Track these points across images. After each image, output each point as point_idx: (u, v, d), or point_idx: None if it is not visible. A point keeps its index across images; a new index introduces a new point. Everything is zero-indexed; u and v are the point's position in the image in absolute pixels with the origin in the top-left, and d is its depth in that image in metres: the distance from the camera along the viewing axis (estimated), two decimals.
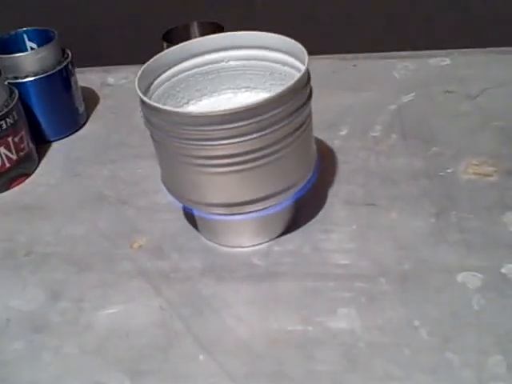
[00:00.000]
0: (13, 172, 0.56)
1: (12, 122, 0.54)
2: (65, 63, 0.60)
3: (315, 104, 0.45)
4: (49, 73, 0.59)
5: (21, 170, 0.57)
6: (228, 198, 0.43)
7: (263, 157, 0.41)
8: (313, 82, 0.44)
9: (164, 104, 0.47)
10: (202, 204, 0.44)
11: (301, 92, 0.41)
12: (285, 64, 0.46)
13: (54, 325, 0.43)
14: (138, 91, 0.42)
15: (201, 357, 0.39)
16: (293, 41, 0.45)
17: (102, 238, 0.50)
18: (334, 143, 0.56)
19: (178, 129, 0.40)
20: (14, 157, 0.55)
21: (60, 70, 0.60)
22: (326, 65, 0.69)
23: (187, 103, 0.49)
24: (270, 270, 0.45)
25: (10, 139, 0.54)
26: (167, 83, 0.47)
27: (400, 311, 0.40)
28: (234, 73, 0.48)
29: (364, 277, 0.43)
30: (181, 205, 0.49)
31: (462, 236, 0.45)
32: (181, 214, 0.50)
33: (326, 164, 0.53)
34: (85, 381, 0.39)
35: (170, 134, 0.40)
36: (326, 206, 0.49)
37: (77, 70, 0.63)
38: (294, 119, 0.41)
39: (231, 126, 0.39)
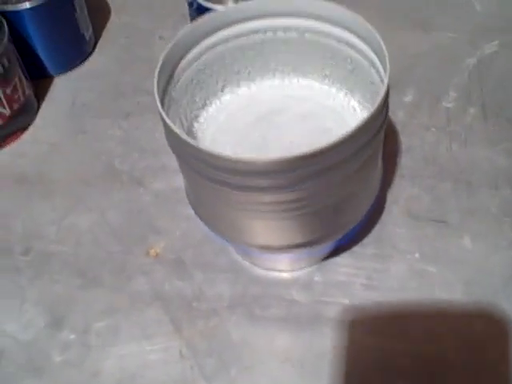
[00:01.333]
0: (6, 129, 0.46)
1: (1, 71, 0.44)
2: None
3: None
4: None
5: (16, 124, 0.47)
6: (275, 241, 0.34)
7: (318, 202, 0.32)
8: (372, 10, 0.33)
9: (193, 95, 0.36)
10: (243, 242, 0.35)
11: (375, 122, 0.31)
12: (352, 46, 0.35)
13: (53, 367, 0.36)
14: (159, 105, 0.31)
15: None
16: (369, 26, 0.33)
17: (111, 237, 0.42)
18: (398, 116, 0.45)
19: (216, 173, 0.30)
20: (7, 112, 0.46)
21: None
22: None
23: (222, 91, 0.38)
24: (312, 312, 0.37)
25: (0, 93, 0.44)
26: (196, 64, 0.36)
27: None
28: (282, 49, 0.37)
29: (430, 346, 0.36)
30: None
31: None
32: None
33: (386, 150, 0.43)
34: None
35: (206, 175, 0.31)
36: (383, 216, 0.41)
37: None
38: (361, 156, 0.31)
39: (285, 175, 0.29)
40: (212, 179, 0.30)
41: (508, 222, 0.39)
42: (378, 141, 0.32)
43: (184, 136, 0.29)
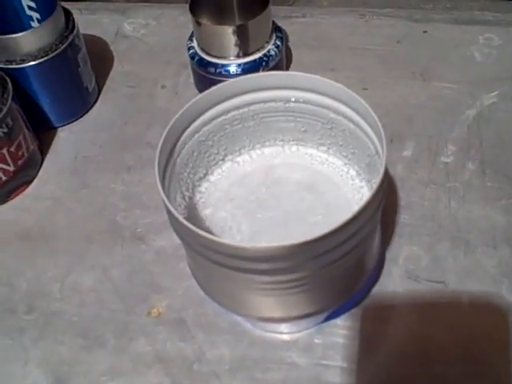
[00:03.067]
0: (10, 184, 0.47)
1: (6, 130, 0.44)
2: (71, 38, 0.48)
3: (373, 95, 0.35)
4: (51, 55, 0.47)
5: (20, 179, 0.48)
6: (275, 314, 0.34)
7: (317, 279, 0.32)
8: (372, 56, 0.34)
9: (194, 166, 0.37)
10: (243, 315, 0.35)
11: (373, 202, 0.31)
12: (349, 119, 0.36)
13: None
14: (160, 188, 0.32)
15: None
16: (362, 101, 0.34)
17: (114, 296, 0.42)
18: (397, 171, 0.46)
19: (215, 255, 0.30)
20: (11, 168, 0.46)
21: (65, 49, 0.48)
22: (389, 28, 0.56)
23: (223, 160, 0.38)
24: (312, 375, 0.38)
25: (4, 151, 0.45)
26: (197, 135, 0.36)
27: None
28: (282, 118, 0.38)
29: None
30: None
31: None
32: None
33: (385, 206, 0.44)
34: None
35: (206, 256, 0.31)
36: (382, 276, 0.41)
37: (84, 9, 0.51)
38: (360, 234, 0.31)
39: (283, 260, 0.30)
40: (212, 260, 0.31)
41: (506, 283, 0.40)
42: (376, 217, 0.33)
43: (185, 222, 0.29)
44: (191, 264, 0.37)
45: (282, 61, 0.50)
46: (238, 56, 0.48)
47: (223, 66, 0.47)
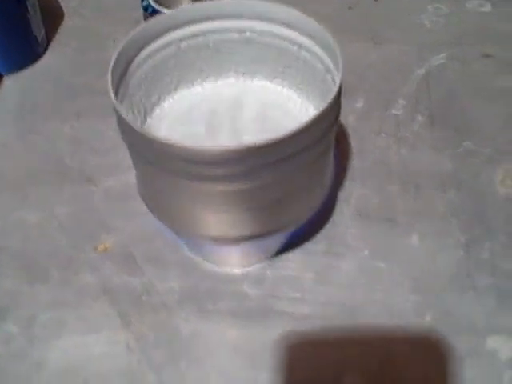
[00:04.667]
0: None
1: None
2: None
3: None
4: None
5: None
6: (226, 233, 0.34)
7: (270, 194, 0.32)
8: (325, 23, 0.34)
9: (147, 90, 0.36)
10: (193, 234, 0.35)
11: (327, 117, 0.31)
12: (306, 49, 0.36)
13: None
14: (112, 95, 0.31)
15: None
16: (320, 27, 0.34)
17: (60, 232, 0.41)
18: (349, 121, 0.46)
19: (168, 162, 0.30)
20: None
21: None
22: None
23: (176, 89, 0.38)
24: (263, 305, 0.37)
25: None
26: (150, 61, 0.36)
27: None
28: (237, 50, 0.37)
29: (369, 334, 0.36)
30: None
31: (493, 281, 0.38)
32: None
33: (338, 152, 0.44)
34: None
35: (158, 165, 0.31)
36: (334, 215, 0.41)
37: None
38: (313, 151, 0.31)
39: (236, 165, 0.29)
40: (164, 169, 0.30)
41: (454, 222, 0.40)
42: (329, 137, 0.33)
43: (136, 126, 0.29)
44: (140, 181, 0.36)
45: None
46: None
47: None
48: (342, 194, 0.42)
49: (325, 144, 0.33)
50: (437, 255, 0.39)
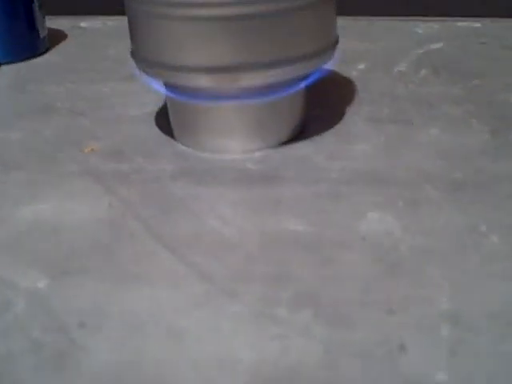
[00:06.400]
0: None
1: None
2: None
3: None
4: None
5: None
6: (215, 58, 0.31)
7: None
8: None
9: None
10: (178, 68, 0.31)
11: None
12: None
13: None
14: None
15: (163, 255, 0.26)
16: None
17: (44, 143, 0.37)
18: (352, 74, 0.45)
19: None
20: None
21: None
22: None
23: None
24: (270, 175, 0.32)
25: None
26: None
27: (456, 216, 0.28)
28: None
29: (401, 183, 0.31)
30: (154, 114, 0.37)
31: None
32: (153, 124, 0.38)
33: (340, 92, 0.42)
34: None
35: None
36: (343, 121, 0.38)
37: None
38: None
39: None
40: None
41: (475, 121, 0.37)
42: None
43: None
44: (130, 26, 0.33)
45: None
46: None
47: None
48: (350, 110, 0.39)
49: None
50: (460, 139, 0.35)
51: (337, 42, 0.34)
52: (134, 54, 0.34)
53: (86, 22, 0.60)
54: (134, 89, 0.43)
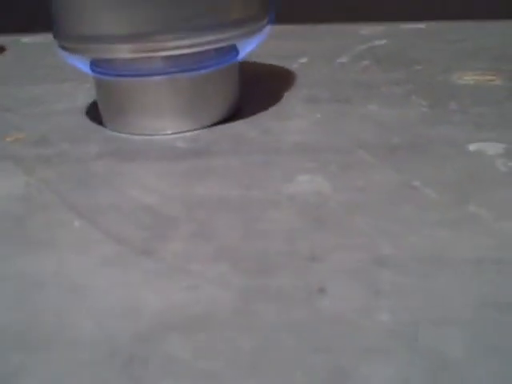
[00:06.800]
0: None
1: None
2: None
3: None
4: None
5: None
6: (136, 24, 0.29)
7: None
8: None
9: None
10: (98, 39, 0.30)
11: None
12: None
13: None
14: None
15: (76, 223, 0.24)
16: None
17: None
18: (292, 67, 0.44)
19: None
20: None
21: None
22: None
23: None
24: (201, 151, 0.31)
25: None
26: None
27: (390, 175, 0.27)
28: None
29: (335, 150, 0.29)
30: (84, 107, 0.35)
31: (467, 117, 0.32)
32: (83, 115, 0.37)
33: (278, 79, 0.41)
34: None
35: None
36: (280, 103, 0.37)
37: None
38: None
39: None
40: None
41: (414, 98, 0.36)
42: None
43: None
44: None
45: None
46: None
47: None
48: (288, 94, 0.38)
49: None
50: (399, 111, 0.34)
51: (269, 11, 0.33)
52: (55, 33, 0.33)
53: (27, 38, 0.59)
54: (67, 90, 0.42)
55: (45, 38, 0.58)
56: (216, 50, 0.32)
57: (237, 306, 0.19)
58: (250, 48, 0.33)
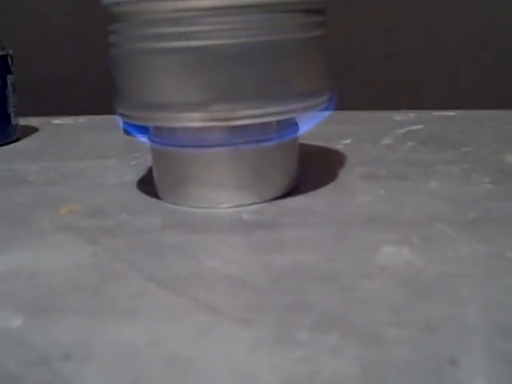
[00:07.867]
0: None
1: None
2: (3, 52, 0.48)
3: None
4: None
5: None
6: (207, 93, 0.29)
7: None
8: None
9: None
10: (164, 107, 0.29)
11: None
12: None
13: None
14: None
15: (158, 292, 0.23)
16: None
17: (15, 206, 0.34)
18: (338, 147, 0.44)
19: None
20: None
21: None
22: None
23: None
24: (268, 223, 0.30)
25: None
26: None
27: (477, 247, 0.26)
28: None
29: (411, 223, 0.28)
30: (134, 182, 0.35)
31: None
32: (135, 189, 0.36)
33: (330, 158, 0.41)
34: None
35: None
36: (338, 179, 0.36)
37: None
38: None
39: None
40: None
41: (474, 175, 0.36)
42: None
43: None
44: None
45: None
46: None
47: None
48: (343, 171, 0.37)
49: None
50: (463, 187, 0.33)
51: (330, 88, 0.33)
52: (118, 102, 0.32)
53: (58, 120, 0.59)
54: (110, 164, 0.41)
55: (75, 121, 0.58)
56: (278, 123, 0.32)
57: (361, 376, 0.17)
58: (309, 124, 0.33)
